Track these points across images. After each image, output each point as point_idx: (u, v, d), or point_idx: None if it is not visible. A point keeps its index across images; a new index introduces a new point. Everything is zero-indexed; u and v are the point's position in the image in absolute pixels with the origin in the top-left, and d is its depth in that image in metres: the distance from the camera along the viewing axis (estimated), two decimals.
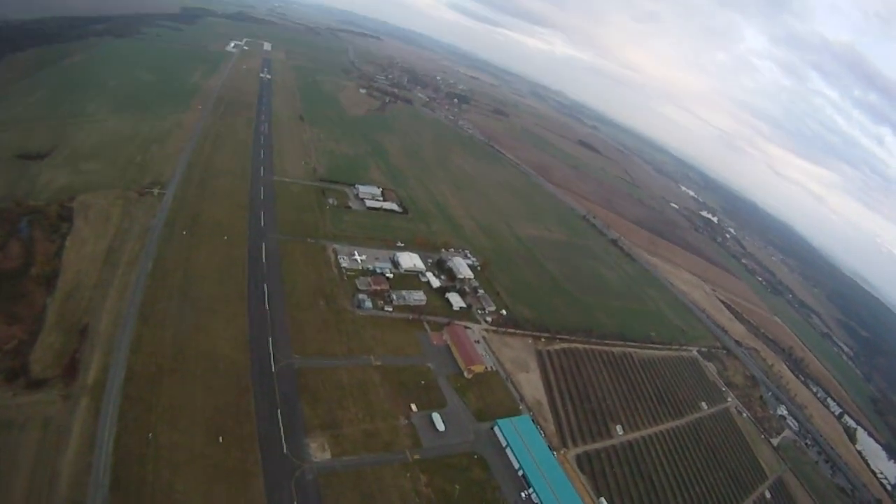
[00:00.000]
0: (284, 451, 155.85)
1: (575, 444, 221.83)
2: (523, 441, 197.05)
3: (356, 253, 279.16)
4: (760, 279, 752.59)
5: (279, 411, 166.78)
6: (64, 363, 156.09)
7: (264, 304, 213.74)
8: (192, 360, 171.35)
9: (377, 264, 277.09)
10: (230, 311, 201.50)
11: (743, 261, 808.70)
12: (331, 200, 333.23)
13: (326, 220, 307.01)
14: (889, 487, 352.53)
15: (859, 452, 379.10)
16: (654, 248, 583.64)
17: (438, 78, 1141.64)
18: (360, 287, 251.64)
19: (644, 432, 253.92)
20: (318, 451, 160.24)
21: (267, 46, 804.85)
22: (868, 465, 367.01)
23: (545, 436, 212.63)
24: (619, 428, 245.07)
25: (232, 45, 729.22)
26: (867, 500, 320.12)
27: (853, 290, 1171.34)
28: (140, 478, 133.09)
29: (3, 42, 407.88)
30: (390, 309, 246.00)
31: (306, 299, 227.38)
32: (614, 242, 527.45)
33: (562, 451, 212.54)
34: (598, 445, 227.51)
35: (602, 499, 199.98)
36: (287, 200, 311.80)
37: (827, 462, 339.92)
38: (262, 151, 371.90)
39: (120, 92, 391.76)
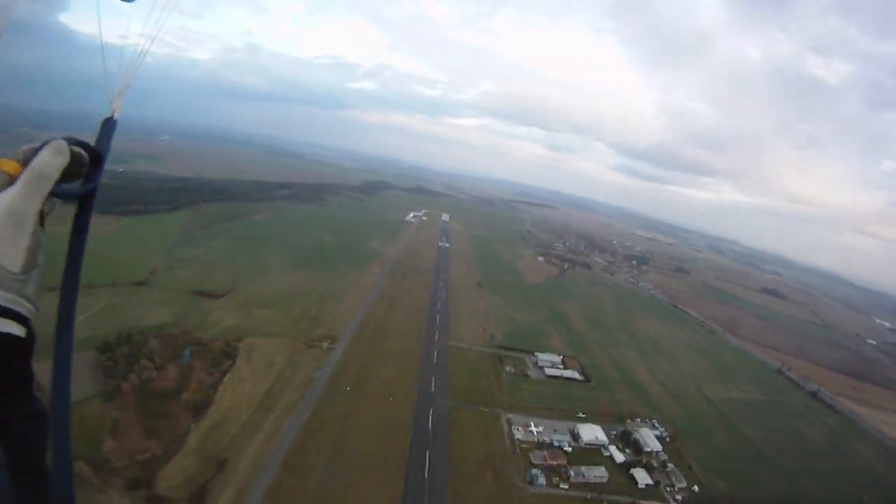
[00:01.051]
0: None
1: None
2: None
3: (532, 424, 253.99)
4: None
5: None
6: (193, 489, 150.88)
7: (424, 471, 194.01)
8: None
9: (555, 436, 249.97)
10: (385, 474, 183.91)
11: None
12: (508, 368, 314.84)
13: (502, 389, 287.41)
14: None
15: None
16: (857, 394, 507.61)
17: (615, 241, 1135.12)
18: (533, 461, 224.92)
19: None
20: None
21: (445, 217, 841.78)
22: None
23: None
24: None
25: (411, 215, 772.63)
26: None
27: None
28: None
29: (195, 193, 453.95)
30: (566, 486, 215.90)
31: (472, 471, 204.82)
32: (814, 395, 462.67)
33: None
34: None
35: None
36: (461, 366, 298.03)
37: None
38: (438, 316, 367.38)
39: (300, 250, 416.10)
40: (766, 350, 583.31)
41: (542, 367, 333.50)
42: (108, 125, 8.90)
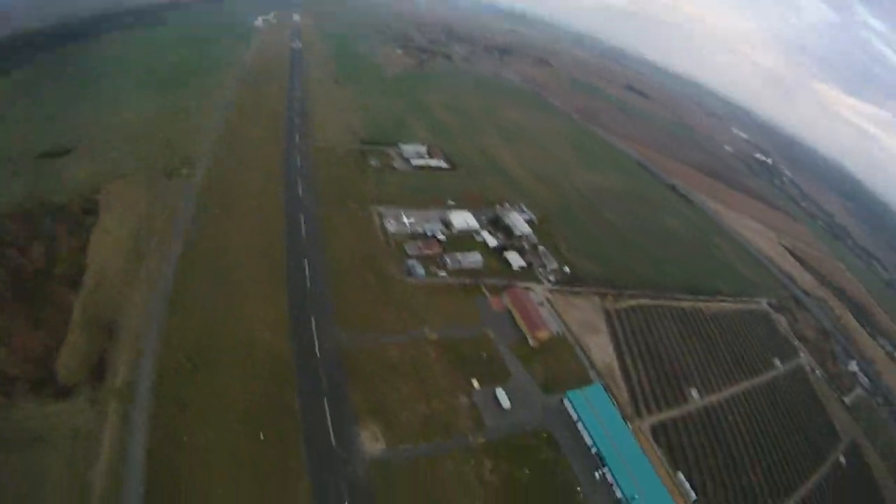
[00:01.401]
0: (333, 444, 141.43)
1: (650, 412, 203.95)
2: (595, 414, 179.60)
3: (404, 216, 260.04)
4: (821, 223, 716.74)
5: (325, 399, 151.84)
6: (90, 365, 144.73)
7: (305, 280, 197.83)
8: (227, 350, 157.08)
9: (427, 226, 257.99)
10: (267, 291, 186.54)
11: (802, 204, 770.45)
12: (373, 162, 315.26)
13: (369, 184, 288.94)
14: None
15: None
16: (714, 194, 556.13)
17: (476, 32, 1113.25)
18: (409, 252, 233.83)
19: (720, 395, 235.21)
20: (371, 442, 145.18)
21: (296, 17, 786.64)
22: None
23: (618, 405, 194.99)
24: (694, 392, 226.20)
25: (259, 19, 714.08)
26: None
27: None
28: (176, 486, 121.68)
29: (22, 49, 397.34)
30: (444, 274, 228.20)
31: (351, 271, 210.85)
32: (674, 189, 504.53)
33: (636, 423, 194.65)
34: (673, 413, 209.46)
35: (680, 473, 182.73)
36: (326, 166, 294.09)
37: None
38: (297, 118, 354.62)
39: (145, 77, 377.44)
40: (629, 143, 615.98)
41: (407, 159, 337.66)
42: None
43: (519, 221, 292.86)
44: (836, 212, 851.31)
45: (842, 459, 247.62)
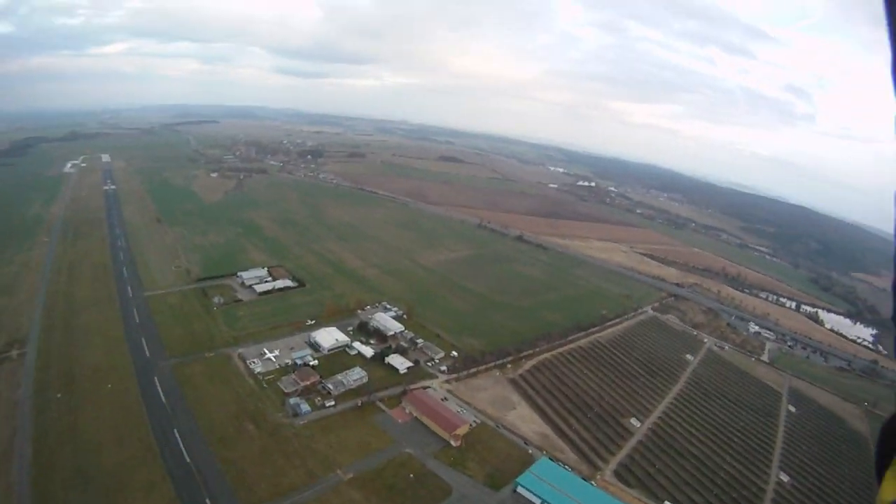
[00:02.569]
0: None
1: (605, 460, 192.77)
2: (556, 488, 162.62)
3: (266, 351, 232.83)
4: (660, 221, 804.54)
5: None
6: None
7: (182, 454, 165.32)
8: None
9: (295, 355, 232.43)
10: (144, 478, 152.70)
11: (637, 211, 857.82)
12: (216, 299, 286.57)
13: (219, 324, 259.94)
14: (871, 347, 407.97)
15: (832, 331, 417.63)
16: (556, 231, 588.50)
17: (285, 142, 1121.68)
18: (286, 390, 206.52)
19: (657, 412, 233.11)
20: None
21: (106, 158, 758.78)
22: (845, 337, 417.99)
23: (572, 469, 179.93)
24: (633, 421, 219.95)
25: (69, 165, 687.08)
26: (864, 366, 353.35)
27: (739, 198, 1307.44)
28: None
29: None
30: (332, 402, 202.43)
31: (230, 429, 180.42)
32: (520, 238, 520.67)
33: (598, 477, 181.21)
34: (626, 450, 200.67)
35: (666, 503, 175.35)
36: (167, 315, 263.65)
37: (815, 352, 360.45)
38: (125, 268, 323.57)
39: None
40: (461, 210, 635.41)
41: (250, 286, 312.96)
42: None
43: (387, 321, 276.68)
44: (669, 206, 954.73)
45: (791, 408, 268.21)
